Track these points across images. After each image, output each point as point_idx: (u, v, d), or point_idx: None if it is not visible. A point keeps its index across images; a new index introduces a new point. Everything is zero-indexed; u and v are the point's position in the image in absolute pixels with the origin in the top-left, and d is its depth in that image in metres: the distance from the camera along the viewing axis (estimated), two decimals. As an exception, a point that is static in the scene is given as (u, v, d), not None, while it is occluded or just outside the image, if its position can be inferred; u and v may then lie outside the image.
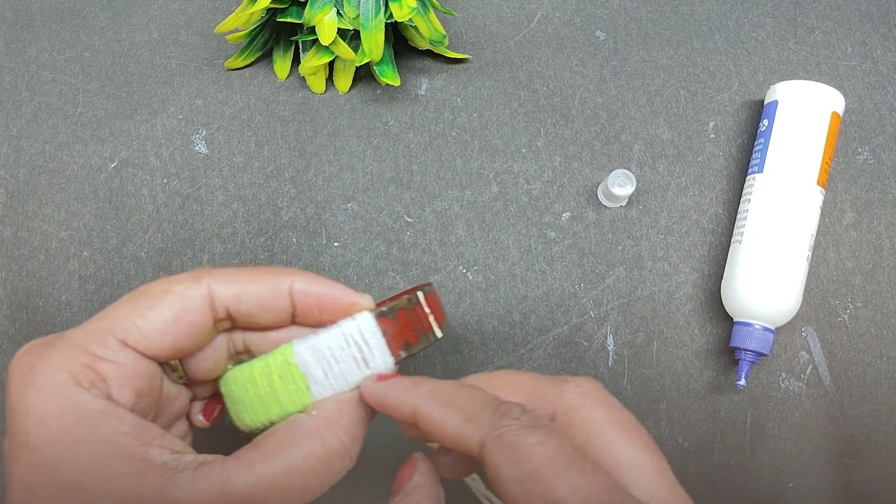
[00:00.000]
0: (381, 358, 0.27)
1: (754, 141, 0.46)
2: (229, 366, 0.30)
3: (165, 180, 0.46)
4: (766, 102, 0.46)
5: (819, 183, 0.43)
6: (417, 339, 0.28)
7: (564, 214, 0.46)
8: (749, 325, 0.41)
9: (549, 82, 0.48)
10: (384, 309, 0.28)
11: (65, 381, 0.24)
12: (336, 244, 0.45)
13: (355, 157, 0.47)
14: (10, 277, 0.44)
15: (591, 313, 0.44)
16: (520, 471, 0.22)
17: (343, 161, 0.47)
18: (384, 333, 0.27)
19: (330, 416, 0.26)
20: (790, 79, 0.48)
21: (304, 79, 0.48)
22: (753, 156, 0.45)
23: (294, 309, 0.28)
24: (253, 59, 0.48)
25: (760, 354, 0.41)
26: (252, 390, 0.27)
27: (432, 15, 0.45)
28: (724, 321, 0.44)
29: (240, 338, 0.29)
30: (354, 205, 0.46)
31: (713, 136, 0.48)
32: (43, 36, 0.49)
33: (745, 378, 0.41)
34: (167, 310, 0.26)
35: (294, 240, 0.45)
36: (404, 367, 0.34)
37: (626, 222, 0.46)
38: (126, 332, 0.25)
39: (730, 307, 0.43)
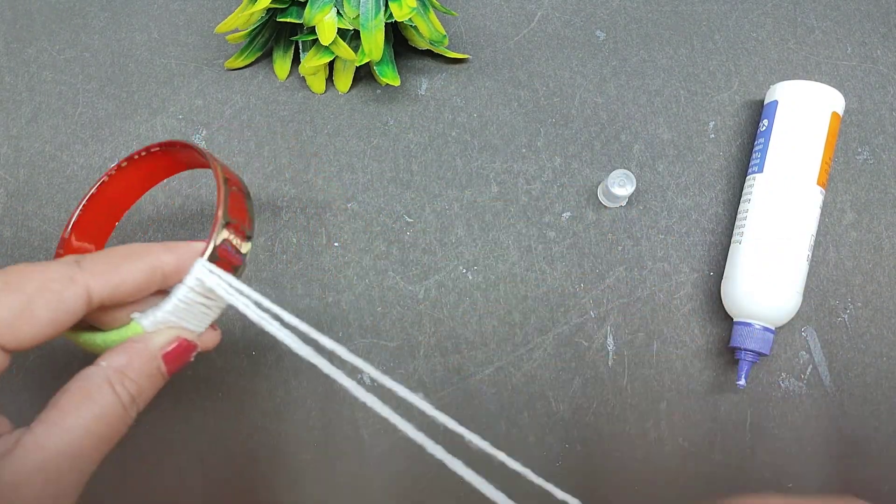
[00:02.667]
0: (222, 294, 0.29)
1: (754, 141, 0.46)
2: (68, 333, 0.29)
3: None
4: (766, 102, 0.46)
5: (819, 183, 0.43)
6: (240, 261, 0.31)
7: (564, 214, 0.46)
8: (749, 325, 0.41)
9: (549, 82, 0.48)
10: (210, 255, 0.29)
11: None
12: (336, 244, 0.45)
13: (355, 157, 0.47)
14: (10, 277, 0.44)
15: (591, 313, 0.44)
16: None
17: (343, 161, 0.47)
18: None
19: (119, 367, 0.27)
20: (790, 79, 0.48)
21: (304, 79, 0.48)
22: (753, 156, 0.45)
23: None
24: (253, 59, 0.48)
25: (760, 354, 0.41)
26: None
27: (432, 15, 0.45)
28: (724, 321, 0.44)
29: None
30: (354, 205, 0.46)
31: (713, 136, 0.48)
32: (43, 36, 0.49)
33: (745, 378, 0.41)
34: (44, 312, 0.25)
35: (294, 240, 0.45)
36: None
37: (626, 222, 0.46)
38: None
39: (730, 307, 0.43)
